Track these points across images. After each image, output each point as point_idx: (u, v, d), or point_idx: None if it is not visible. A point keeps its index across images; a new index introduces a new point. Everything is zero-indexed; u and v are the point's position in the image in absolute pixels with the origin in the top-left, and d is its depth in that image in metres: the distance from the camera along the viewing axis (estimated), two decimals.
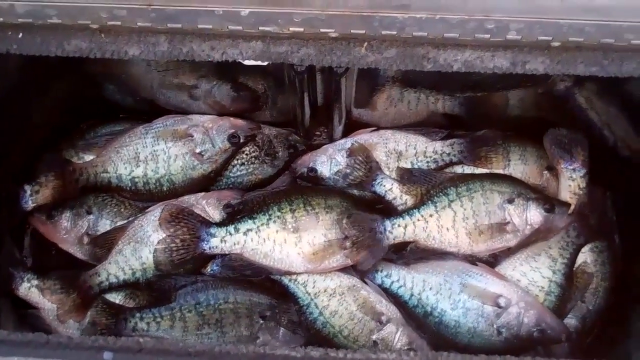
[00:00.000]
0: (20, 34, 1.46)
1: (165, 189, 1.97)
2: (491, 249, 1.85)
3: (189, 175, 1.97)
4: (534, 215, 1.82)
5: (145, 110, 2.07)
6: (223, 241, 1.81)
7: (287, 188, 2.01)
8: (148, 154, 1.95)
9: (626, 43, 1.38)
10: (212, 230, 1.82)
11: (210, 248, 1.82)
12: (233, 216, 1.88)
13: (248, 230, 1.82)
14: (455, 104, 2.03)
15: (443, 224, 1.82)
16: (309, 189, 1.97)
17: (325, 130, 2.15)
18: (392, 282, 1.84)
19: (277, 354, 1.32)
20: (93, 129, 2.09)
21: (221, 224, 1.85)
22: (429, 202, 1.85)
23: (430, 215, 1.82)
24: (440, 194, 1.85)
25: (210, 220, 1.87)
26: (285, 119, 2.11)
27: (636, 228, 1.94)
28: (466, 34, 1.38)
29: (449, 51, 1.44)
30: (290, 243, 1.82)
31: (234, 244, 1.82)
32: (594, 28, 1.35)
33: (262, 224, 1.82)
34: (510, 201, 1.82)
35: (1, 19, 1.42)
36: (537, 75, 1.47)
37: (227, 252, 1.83)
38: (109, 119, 2.11)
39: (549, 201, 1.84)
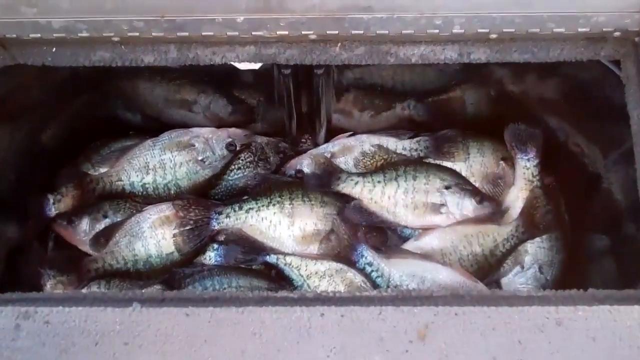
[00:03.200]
0: (54, 48, 1.74)
1: (172, 193, 2.20)
2: (423, 224, 2.13)
3: (193, 179, 2.21)
4: (466, 203, 2.10)
5: (152, 127, 2.31)
6: (228, 217, 2.07)
7: (292, 181, 2.25)
8: (156, 163, 2.18)
9: (549, 32, 1.68)
10: (220, 209, 2.09)
11: (219, 224, 2.08)
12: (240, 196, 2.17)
13: (250, 208, 2.09)
14: (420, 109, 2.30)
15: (385, 192, 2.10)
16: None
17: (310, 138, 2.43)
18: (372, 271, 2.01)
19: (277, 296, 1.54)
20: (107, 145, 2.34)
21: (227, 203, 2.11)
22: (381, 172, 2.14)
23: (378, 182, 2.11)
24: (392, 168, 2.14)
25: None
26: (274, 130, 2.38)
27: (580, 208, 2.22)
28: (420, 30, 1.67)
29: (407, 46, 1.74)
30: (284, 225, 2.08)
31: (237, 219, 2.08)
32: (522, 19, 1.64)
33: (263, 205, 2.09)
34: (448, 187, 2.11)
35: (39, 35, 1.68)
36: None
37: (230, 226, 2.09)
38: (120, 135, 2.37)
39: (480, 195, 2.12)
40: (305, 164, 2.28)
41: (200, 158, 2.20)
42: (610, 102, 1.82)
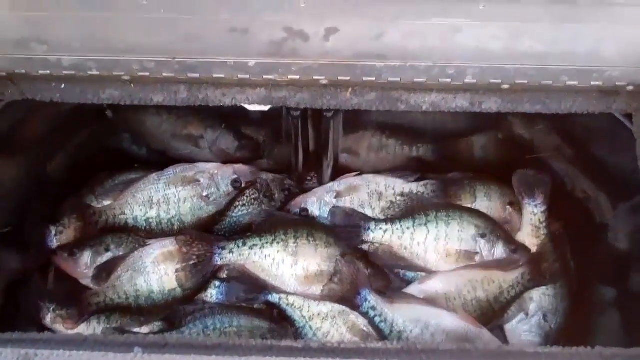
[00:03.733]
0: (63, 85, 1.73)
1: (175, 228, 2.17)
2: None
3: (197, 215, 2.18)
4: (500, 252, 2.05)
5: (158, 161, 2.30)
6: (231, 252, 2.04)
7: (298, 219, 2.22)
8: (160, 198, 2.16)
9: (562, 84, 1.67)
10: (223, 244, 2.06)
11: (222, 259, 2.05)
12: (243, 232, 2.16)
13: (253, 245, 2.05)
14: (428, 150, 2.29)
15: (415, 238, 2.06)
16: (317, 225, 2.18)
17: (316, 175, 2.41)
18: (375, 316, 1.96)
19: (281, 345, 1.53)
20: (111, 177, 2.32)
21: (231, 239, 2.09)
22: (410, 217, 2.10)
23: (407, 228, 2.07)
24: (422, 213, 2.10)
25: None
26: (280, 167, 2.36)
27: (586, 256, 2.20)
28: (432, 79, 1.66)
29: (419, 94, 1.73)
30: (287, 264, 2.04)
31: (240, 255, 2.04)
32: (536, 71, 1.64)
33: (267, 242, 2.05)
34: (483, 236, 2.06)
35: (48, 72, 1.67)
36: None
37: (233, 262, 2.06)
38: (124, 168, 2.35)
39: (515, 243, 2.08)
40: (310, 202, 2.27)
41: (204, 194, 2.18)
42: (621, 155, 1.80)
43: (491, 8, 1.48)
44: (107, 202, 2.23)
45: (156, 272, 2.08)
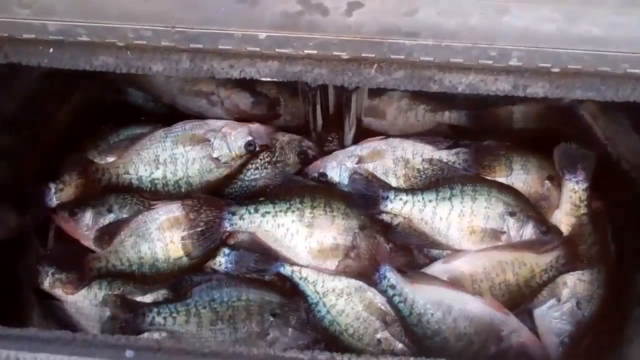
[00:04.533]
0: (51, 49, 1.53)
1: (183, 191, 2.03)
2: (478, 248, 1.94)
3: (206, 178, 2.03)
4: (530, 233, 1.90)
5: (166, 114, 2.14)
6: (242, 218, 1.91)
7: (316, 186, 2.06)
8: (167, 157, 2.01)
9: (622, 71, 1.44)
10: (233, 209, 1.92)
11: (231, 225, 1.92)
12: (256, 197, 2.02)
13: (266, 212, 1.92)
14: (462, 115, 2.10)
15: (438, 212, 1.91)
16: (335, 193, 2.02)
17: (337, 137, 2.22)
18: (394, 295, 1.85)
19: (286, 357, 1.41)
20: (115, 131, 2.17)
21: (242, 203, 1.95)
22: (434, 189, 1.95)
23: (430, 201, 1.92)
24: (446, 186, 1.94)
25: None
26: (298, 123, 2.17)
27: (632, 239, 2.00)
28: (470, 60, 1.45)
29: (454, 74, 1.51)
30: (301, 235, 1.91)
31: (251, 222, 1.91)
32: (591, 57, 1.41)
33: (280, 211, 1.92)
34: (512, 214, 1.90)
35: (33, 36, 1.48)
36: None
37: (243, 230, 1.93)
38: (130, 122, 2.19)
39: (546, 224, 1.92)
40: (330, 166, 2.10)
41: (215, 155, 2.02)
42: None
43: None
44: (111, 159, 2.08)
45: (161, 239, 1.97)
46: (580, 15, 1.34)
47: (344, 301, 1.94)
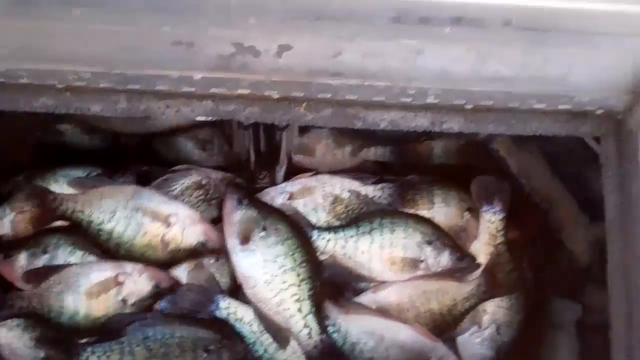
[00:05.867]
0: None
1: (120, 253, 2.01)
2: (400, 279, 2.02)
3: (147, 254, 2.02)
4: (447, 260, 2.00)
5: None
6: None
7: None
8: (122, 217, 2.00)
9: (529, 107, 1.59)
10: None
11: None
12: None
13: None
14: (386, 151, 2.21)
15: (359, 247, 1.99)
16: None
17: (268, 175, 2.26)
18: (329, 326, 1.92)
19: None
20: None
21: None
22: (354, 225, 2.03)
23: (351, 237, 2.00)
24: (366, 220, 2.03)
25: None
26: (231, 162, 2.25)
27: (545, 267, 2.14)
28: (391, 98, 1.56)
29: (377, 111, 1.62)
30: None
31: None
32: (502, 94, 1.55)
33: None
34: (429, 242, 2.00)
35: None
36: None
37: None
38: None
39: (460, 251, 2.03)
40: None
41: (166, 239, 2.02)
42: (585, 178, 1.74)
43: (457, 30, 1.37)
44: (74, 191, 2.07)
45: (88, 295, 1.95)
46: (491, 55, 1.45)
47: None
